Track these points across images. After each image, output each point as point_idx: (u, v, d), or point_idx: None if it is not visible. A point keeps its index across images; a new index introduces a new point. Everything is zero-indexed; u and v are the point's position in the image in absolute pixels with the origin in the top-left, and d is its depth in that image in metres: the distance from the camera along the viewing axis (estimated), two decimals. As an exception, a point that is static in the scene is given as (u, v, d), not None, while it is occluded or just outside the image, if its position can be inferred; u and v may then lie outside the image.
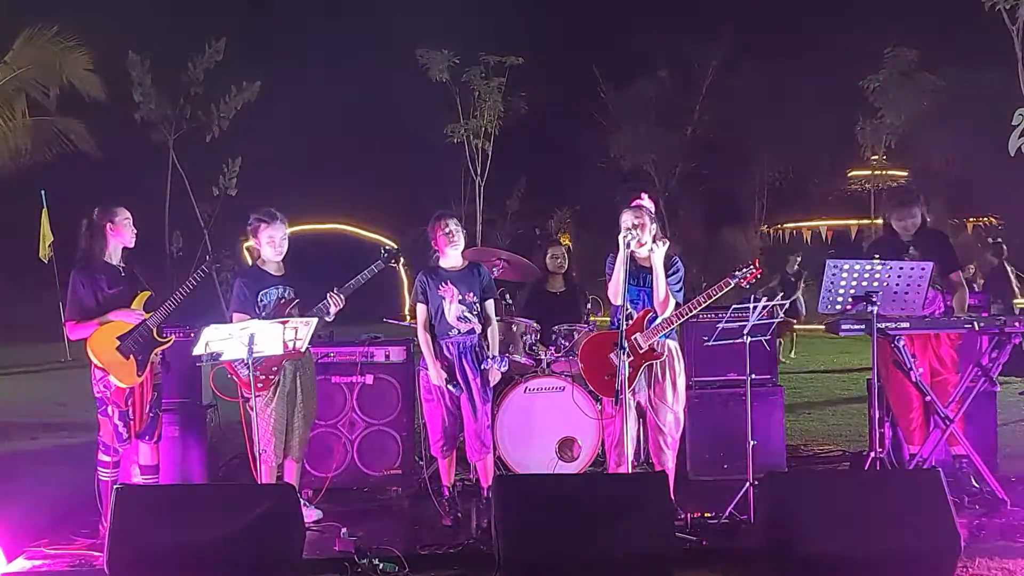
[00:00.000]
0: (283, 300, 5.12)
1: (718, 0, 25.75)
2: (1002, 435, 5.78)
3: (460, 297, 5.21)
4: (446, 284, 5.22)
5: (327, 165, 23.30)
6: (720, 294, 4.81)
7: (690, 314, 4.93)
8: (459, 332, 5.22)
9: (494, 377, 5.27)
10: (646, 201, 5.00)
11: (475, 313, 5.24)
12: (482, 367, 5.22)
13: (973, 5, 14.15)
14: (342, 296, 5.13)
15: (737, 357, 4.92)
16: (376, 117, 23.93)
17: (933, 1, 20.56)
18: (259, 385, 4.88)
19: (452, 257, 5.29)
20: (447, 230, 5.22)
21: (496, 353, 5.27)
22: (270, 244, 5.12)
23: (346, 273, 5.26)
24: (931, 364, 5.26)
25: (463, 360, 5.21)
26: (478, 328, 5.26)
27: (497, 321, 5.46)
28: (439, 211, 5.40)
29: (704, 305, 4.85)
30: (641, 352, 4.89)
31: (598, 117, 26.72)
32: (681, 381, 5.03)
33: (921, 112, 21.89)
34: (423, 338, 5.26)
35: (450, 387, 5.18)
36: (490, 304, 5.32)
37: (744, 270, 4.80)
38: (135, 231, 5.05)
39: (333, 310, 5.12)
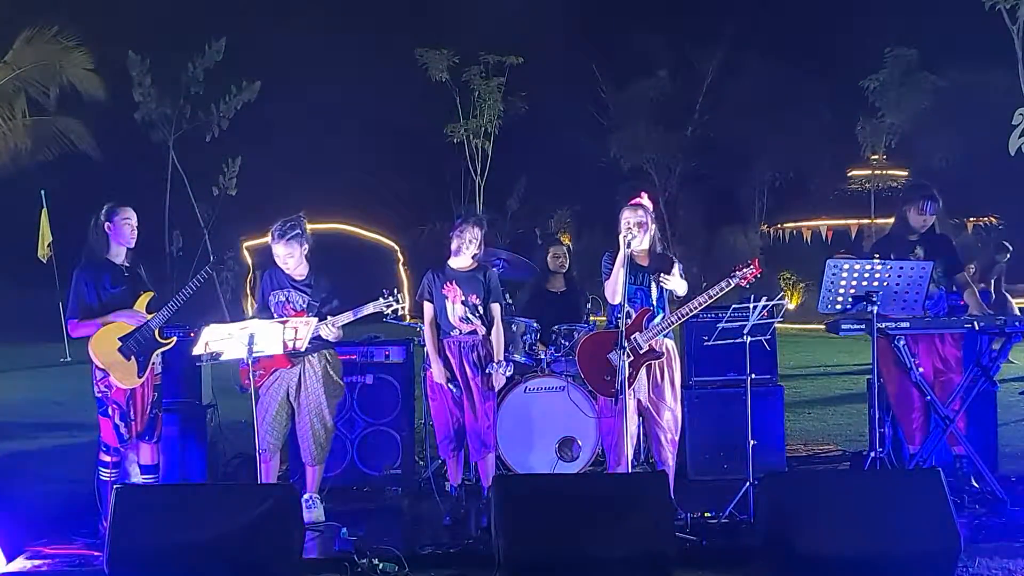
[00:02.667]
0: (289, 304, 5.12)
1: (718, 0, 25.75)
2: (1002, 435, 5.79)
3: (463, 298, 5.22)
4: (451, 284, 5.24)
5: (327, 165, 23.28)
6: (720, 294, 4.85)
7: (690, 315, 4.96)
8: (460, 332, 5.23)
9: (498, 382, 5.28)
10: (645, 200, 5.01)
11: (478, 315, 5.24)
12: (486, 371, 5.22)
13: (973, 5, 14.15)
14: (334, 327, 5.09)
15: (737, 357, 4.93)
16: (376, 117, 23.91)
17: (933, 1, 20.55)
18: (257, 376, 4.89)
19: (461, 259, 5.29)
20: (463, 239, 5.23)
21: (501, 358, 5.27)
22: (277, 257, 5.15)
23: (345, 274, 5.27)
24: (935, 364, 5.26)
25: (464, 359, 5.22)
26: (481, 330, 5.26)
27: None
28: (473, 216, 5.40)
29: (704, 305, 4.88)
30: (642, 352, 4.89)
31: (598, 117, 26.70)
32: (679, 379, 5.05)
33: (921, 112, 21.89)
34: (428, 336, 5.27)
35: (450, 386, 5.19)
36: (495, 308, 5.32)
37: (744, 270, 4.83)
38: (135, 232, 5.03)
39: (330, 337, 5.13)
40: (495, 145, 22.00)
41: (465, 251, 5.25)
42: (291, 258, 5.13)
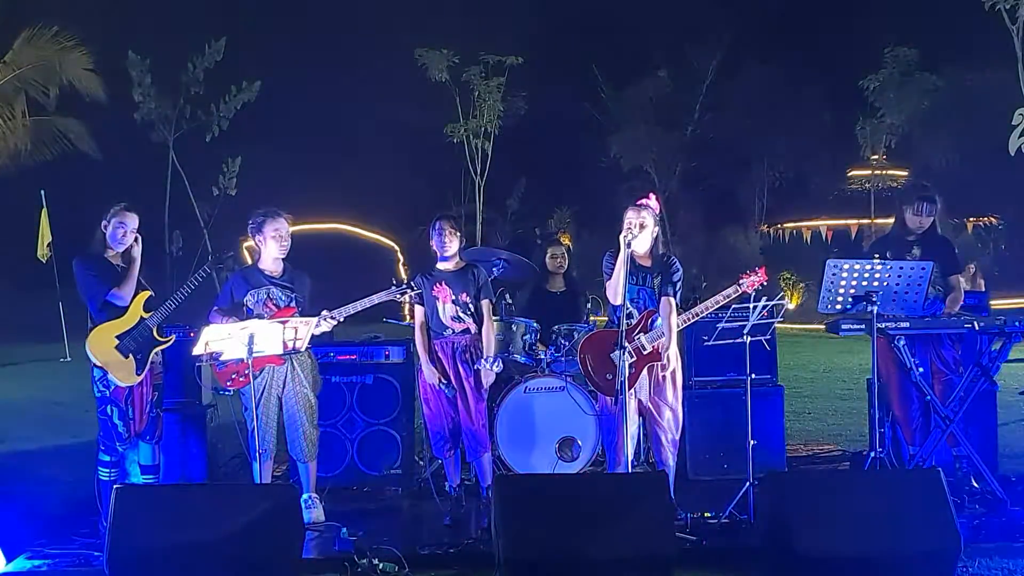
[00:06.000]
0: (271, 301, 5.11)
1: (718, 0, 25.76)
2: (1002, 435, 5.78)
3: (454, 297, 5.23)
4: (440, 285, 5.25)
5: (327, 165, 23.30)
6: (726, 301, 4.90)
7: (693, 320, 5.02)
8: (453, 332, 5.25)
9: (487, 378, 5.27)
10: (652, 202, 5.02)
11: (469, 313, 5.26)
12: (475, 367, 5.23)
13: (973, 5, 14.14)
14: (337, 318, 5.11)
15: (737, 357, 4.93)
16: (376, 117, 23.92)
17: (933, 1, 20.56)
18: (240, 379, 4.91)
19: (448, 259, 5.31)
20: (441, 234, 5.25)
21: (490, 354, 5.27)
22: (275, 238, 5.11)
23: (345, 274, 5.28)
24: (933, 364, 5.26)
25: (456, 359, 5.23)
26: (473, 328, 5.27)
27: (496, 321, 5.47)
28: (438, 213, 5.44)
29: (710, 311, 4.99)
30: (646, 353, 4.90)
31: (598, 117, 26.71)
32: (680, 379, 5.05)
33: (921, 112, 21.89)
34: (419, 339, 5.31)
35: (443, 387, 5.20)
36: (486, 305, 5.32)
37: (752, 277, 4.89)
38: (127, 237, 4.95)
39: (326, 328, 5.12)
40: (495, 145, 21.98)
41: (443, 245, 5.25)
42: (286, 240, 5.12)
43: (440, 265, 5.34)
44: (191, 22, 20.13)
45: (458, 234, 5.31)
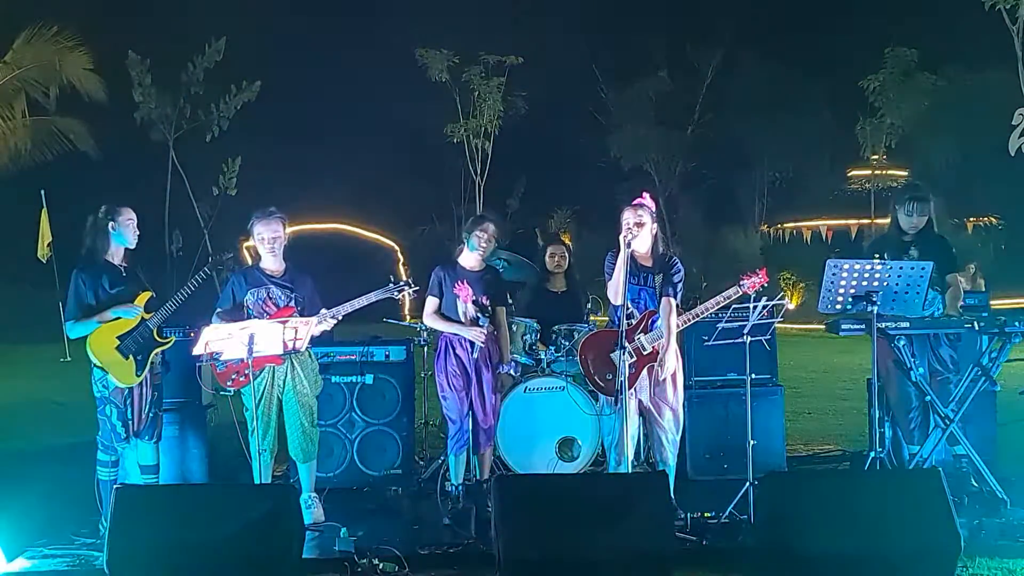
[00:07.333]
0: (270, 300, 5.11)
1: (718, 0, 25.77)
2: (1002, 435, 5.78)
3: (474, 298, 5.25)
4: (462, 283, 5.26)
5: (327, 165, 23.30)
6: (726, 302, 4.90)
7: (694, 320, 5.03)
8: None
9: (506, 383, 5.30)
10: (647, 200, 5.04)
11: (487, 315, 5.28)
12: (496, 371, 5.28)
13: (973, 5, 14.16)
14: (335, 317, 5.12)
15: (737, 357, 4.93)
16: (376, 117, 23.93)
17: (933, 1, 20.57)
18: (240, 379, 4.92)
19: (472, 258, 5.32)
20: (480, 237, 5.29)
21: (506, 361, 5.33)
22: (261, 242, 5.13)
23: (345, 274, 5.28)
24: (931, 364, 5.26)
25: (477, 355, 5.25)
26: (490, 328, 5.30)
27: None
28: (482, 214, 5.49)
29: (710, 311, 5.00)
30: (645, 354, 4.90)
31: (598, 117, 26.72)
32: (680, 379, 5.06)
33: (921, 112, 21.90)
34: (439, 321, 5.31)
35: (485, 317, 5.21)
36: (502, 311, 5.37)
37: (753, 278, 4.91)
38: (137, 232, 5.04)
39: (326, 327, 5.13)
40: (495, 145, 22.00)
41: (484, 247, 5.29)
42: (276, 241, 5.12)
43: (463, 263, 5.36)
44: (191, 22, 20.11)
45: (494, 243, 5.37)
